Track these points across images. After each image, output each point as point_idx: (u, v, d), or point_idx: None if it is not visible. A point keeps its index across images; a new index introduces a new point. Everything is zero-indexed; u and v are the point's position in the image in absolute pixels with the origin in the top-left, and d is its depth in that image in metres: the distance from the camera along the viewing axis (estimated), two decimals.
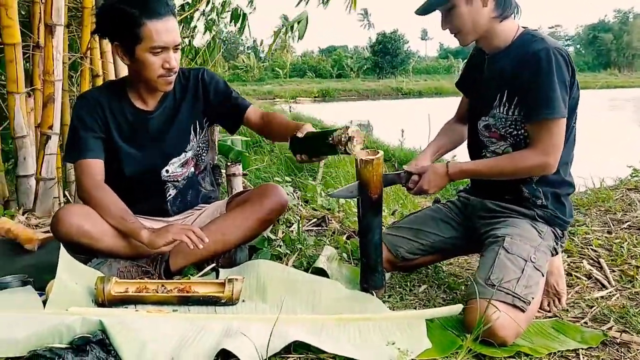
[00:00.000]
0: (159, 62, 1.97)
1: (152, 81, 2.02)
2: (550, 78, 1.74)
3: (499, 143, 1.93)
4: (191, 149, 2.23)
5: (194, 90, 2.20)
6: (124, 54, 2.00)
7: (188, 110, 2.19)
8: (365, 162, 1.82)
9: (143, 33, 1.92)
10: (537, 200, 1.91)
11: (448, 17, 1.87)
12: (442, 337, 1.66)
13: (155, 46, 1.93)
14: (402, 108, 21.51)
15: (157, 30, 1.92)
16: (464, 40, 1.89)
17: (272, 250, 2.25)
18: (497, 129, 1.92)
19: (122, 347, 1.51)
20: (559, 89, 1.75)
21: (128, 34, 1.94)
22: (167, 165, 2.20)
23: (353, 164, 7.00)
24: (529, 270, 1.74)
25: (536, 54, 1.77)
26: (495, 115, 1.91)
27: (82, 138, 2.07)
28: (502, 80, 1.87)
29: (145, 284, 1.85)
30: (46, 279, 1.93)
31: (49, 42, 3.06)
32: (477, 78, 2.01)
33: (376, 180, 1.84)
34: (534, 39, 1.83)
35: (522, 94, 1.82)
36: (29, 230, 2.56)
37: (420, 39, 65.55)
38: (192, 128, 2.21)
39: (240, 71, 36.21)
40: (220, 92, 2.23)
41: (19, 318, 1.68)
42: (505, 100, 1.87)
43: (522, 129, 1.87)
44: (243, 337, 1.53)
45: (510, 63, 1.85)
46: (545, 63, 1.75)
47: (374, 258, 1.91)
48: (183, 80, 2.19)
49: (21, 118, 3.17)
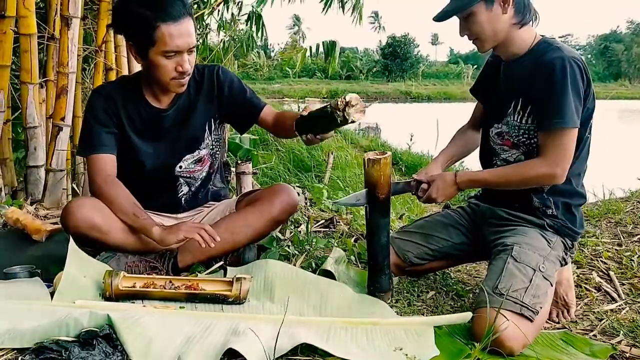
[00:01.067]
0: (172, 65, 1.94)
1: (164, 83, 2.01)
2: (564, 87, 1.73)
3: (511, 151, 1.92)
4: (205, 147, 2.22)
5: (209, 88, 2.18)
6: (138, 55, 1.98)
7: (203, 108, 2.17)
8: (373, 162, 1.81)
9: (156, 36, 1.89)
10: (547, 210, 1.89)
11: (467, 23, 1.86)
12: (450, 345, 1.65)
13: (169, 50, 1.91)
14: (410, 112, 21.49)
15: (171, 34, 1.88)
16: (483, 46, 1.88)
17: (280, 250, 2.25)
18: (510, 136, 1.90)
19: (129, 342, 1.50)
20: (572, 98, 1.73)
21: (141, 36, 1.91)
22: (181, 162, 2.19)
23: (360, 166, 7.02)
24: (538, 279, 1.73)
25: (551, 62, 1.75)
26: (508, 123, 1.90)
27: (95, 133, 2.06)
28: (517, 88, 1.86)
29: (153, 280, 1.84)
30: (54, 271, 1.93)
31: (64, 34, 3.07)
32: (493, 85, 2.00)
33: (384, 180, 1.83)
34: (550, 47, 1.81)
35: (536, 102, 1.80)
36: (37, 221, 2.56)
37: (431, 43, 65.48)
38: (206, 126, 2.20)
39: (250, 70, 36.24)
40: (235, 90, 2.21)
41: (26, 309, 1.68)
42: (519, 108, 1.86)
43: (534, 137, 1.85)
44: (250, 337, 1.53)
45: (526, 71, 1.83)
46: (560, 72, 1.73)
47: (381, 260, 1.90)
48: (198, 76, 2.17)
49: (33, 108, 3.17)
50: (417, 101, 29.39)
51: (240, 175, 3.08)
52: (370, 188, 1.84)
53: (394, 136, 10.63)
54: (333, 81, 38.38)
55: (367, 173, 1.84)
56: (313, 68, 43.11)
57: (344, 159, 7.74)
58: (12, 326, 1.56)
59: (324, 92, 30.44)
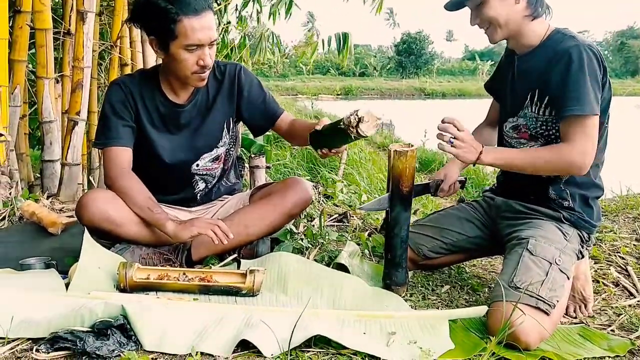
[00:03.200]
0: (194, 59, 1.93)
1: (185, 77, 2.00)
2: (582, 75, 1.70)
3: (529, 144, 1.89)
4: (223, 145, 2.22)
5: (229, 88, 2.16)
6: (159, 49, 1.97)
7: (222, 106, 2.17)
8: (399, 154, 1.80)
9: (178, 30, 1.88)
10: (564, 202, 1.87)
11: (478, 11, 1.84)
12: (465, 339, 1.64)
13: (191, 44, 1.89)
14: (424, 109, 21.37)
15: (193, 27, 1.87)
16: (494, 35, 1.85)
17: (294, 243, 2.24)
18: (527, 129, 1.88)
19: (143, 332, 1.51)
20: (590, 86, 1.70)
21: (163, 30, 1.90)
22: (198, 160, 2.19)
23: (375, 162, 6.98)
24: (554, 272, 1.70)
25: (567, 50, 1.73)
26: (525, 115, 1.87)
27: (112, 125, 2.06)
28: (533, 79, 1.83)
29: (167, 272, 1.85)
30: (68, 263, 1.95)
31: (79, 29, 3.09)
32: (507, 79, 1.98)
33: (409, 173, 1.81)
34: (564, 37, 1.79)
35: (553, 91, 1.77)
36: (53, 214, 2.58)
37: (446, 40, 65.03)
38: (224, 124, 2.20)
39: (264, 66, 36.32)
40: (254, 93, 2.19)
41: (42, 299, 1.69)
42: (536, 99, 1.84)
43: (553, 129, 1.82)
44: (263, 328, 1.52)
45: (541, 62, 1.81)
46: (577, 60, 1.71)
47: (399, 254, 1.89)
48: (219, 75, 2.16)
49: (49, 103, 3.20)
50: (432, 98, 29.23)
51: (253, 169, 3.08)
52: (394, 180, 1.82)
53: (407, 133, 10.57)
54: (347, 78, 38.31)
55: (392, 165, 1.82)
56: (327, 65, 43.06)
57: (358, 155, 7.72)
58: (28, 316, 1.58)
59: (338, 89, 30.44)
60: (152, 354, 1.46)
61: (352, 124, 1.69)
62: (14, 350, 1.47)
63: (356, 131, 1.69)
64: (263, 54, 5.70)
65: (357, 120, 1.68)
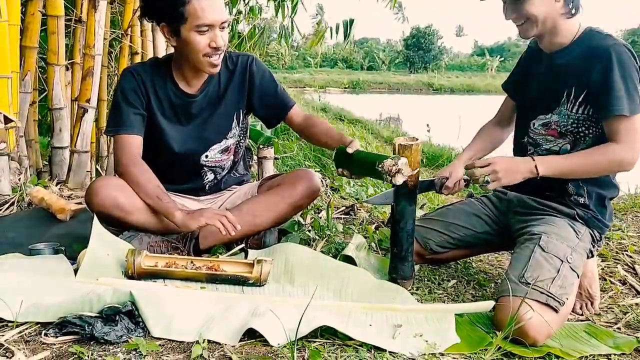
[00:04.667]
0: (205, 41, 1.93)
1: (197, 62, 1.99)
2: (626, 74, 1.71)
3: (557, 141, 1.88)
4: (232, 137, 2.22)
5: (241, 79, 2.16)
6: (170, 35, 1.97)
7: (233, 98, 2.17)
8: (404, 148, 1.80)
9: (188, 11, 1.88)
10: (580, 199, 1.86)
11: (516, 6, 1.81)
12: (471, 333, 1.64)
13: (201, 24, 1.90)
14: (432, 104, 21.30)
15: (202, 7, 1.88)
16: (529, 32, 1.83)
17: (301, 234, 2.24)
18: (558, 126, 1.86)
19: (151, 319, 1.52)
20: (633, 85, 1.72)
21: (173, 14, 1.90)
22: (207, 151, 2.19)
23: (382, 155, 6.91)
24: (565, 270, 1.70)
25: (607, 49, 1.73)
26: (560, 113, 1.85)
27: (123, 113, 2.06)
28: (568, 77, 1.81)
29: (175, 260, 1.85)
30: (77, 249, 1.96)
31: (91, 17, 3.09)
32: (534, 77, 1.96)
33: (413, 167, 1.81)
34: (599, 35, 1.79)
35: (593, 90, 1.76)
36: (61, 201, 2.59)
37: (455, 35, 64.73)
38: (235, 116, 2.20)
39: (272, 58, 36.27)
40: (266, 85, 2.19)
41: (51, 284, 1.70)
42: (572, 97, 1.82)
43: (583, 126, 1.82)
44: (270, 318, 1.53)
45: (576, 59, 1.80)
46: (618, 59, 1.72)
47: (405, 247, 1.89)
48: (230, 65, 2.16)
49: (59, 90, 3.21)
50: (440, 93, 29.14)
51: (261, 160, 3.08)
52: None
53: (415, 128, 10.55)
54: (355, 71, 38.24)
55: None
56: (335, 58, 42.96)
57: (365, 149, 7.69)
58: (37, 300, 1.58)
59: (345, 82, 30.38)
60: (160, 341, 1.47)
61: (391, 172, 1.73)
62: (22, 333, 1.48)
63: (391, 179, 1.74)
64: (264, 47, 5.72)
65: (397, 171, 1.72)
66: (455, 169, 2.03)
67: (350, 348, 1.48)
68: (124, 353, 1.40)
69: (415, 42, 44.94)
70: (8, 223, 2.45)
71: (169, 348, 1.44)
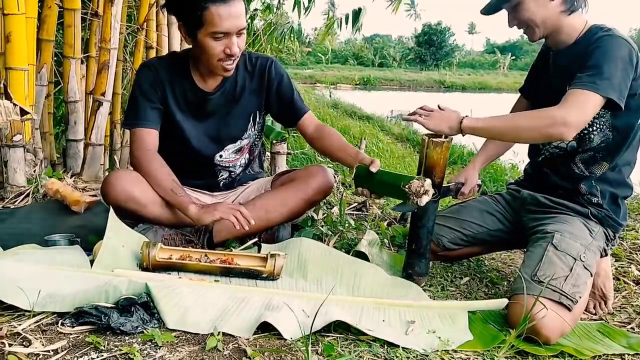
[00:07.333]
0: (220, 47, 1.92)
1: (210, 65, 2.00)
2: (607, 56, 1.67)
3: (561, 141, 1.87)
4: (247, 137, 2.22)
5: (259, 81, 2.16)
6: (187, 36, 1.98)
7: (250, 99, 2.17)
8: (435, 144, 1.78)
9: (205, 17, 1.87)
10: (593, 198, 1.85)
11: (515, 12, 1.83)
12: (484, 331, 1.64)
13: (217, 32, 1.88)
14: (443, 101, 21.19)
15: (220, 15, 1.86)
16: (533, 35, 1.84)
17: (314, 230, 2.25)
18: None
19: (166, 311, 1.53)
20: (614, 70, 1.66)
21: (191, 17, 1.89)
22: (222, 151, 2.20)
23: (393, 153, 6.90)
24: (578, 269, 1.69)
25: (601, 38, 1.72)
26: None
27: (140, 107, 2.08)
28: (569, 75, 1.81)
29: (189, 253, 1.87)
30: (92, 240, 1.98)
31: (108, 11, 3.10)
32: (543, 77, 1.96)
33: (442, 164, 1.80)
34: (602, 31, 1.77)
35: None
36: (76, 193, 2.61)
37: (468, 32, 64.33)
38: (251, 117, 2.20)
39: (283, 54, 36.22)
40: (283, 90, 2.19)
41: (67, 275, 1.73)
42: None
43: (587, 128, 1.80)
44: (284, 312, 1.54)
45: (578, 56, 1.78)
46: (606, 43, 1.70)
47: (424, 244, 1.89)
48: (249, 66, 2.15)
49: (75, 83, 3.23)
50: (451, 90, 28.98)
51: (274, 155, 3.09)
52: (427, 170, 1.80)
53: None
54: (365, 68, 38.13)
55: (426, 155, 1.80)
56: (346, 55, 42.86)
57: (376, 145, 7.72)
58: (53, 290, 1.61)
59: (356, 78, 30.30)
60: (175, 332, 1.48)
61: (418, 193, 1.71)
62: (39, 323, 1.50)
63: (417, 202, 1.72)
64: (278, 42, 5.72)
65: (424, 192, 1.71)
66: (471, 174, 2.03)
67: (364, 343, 1.49)
68: (139, 344, 1.41)
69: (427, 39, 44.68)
70: (23, 214, 2.47)
71: (184, 340, 1.45)
